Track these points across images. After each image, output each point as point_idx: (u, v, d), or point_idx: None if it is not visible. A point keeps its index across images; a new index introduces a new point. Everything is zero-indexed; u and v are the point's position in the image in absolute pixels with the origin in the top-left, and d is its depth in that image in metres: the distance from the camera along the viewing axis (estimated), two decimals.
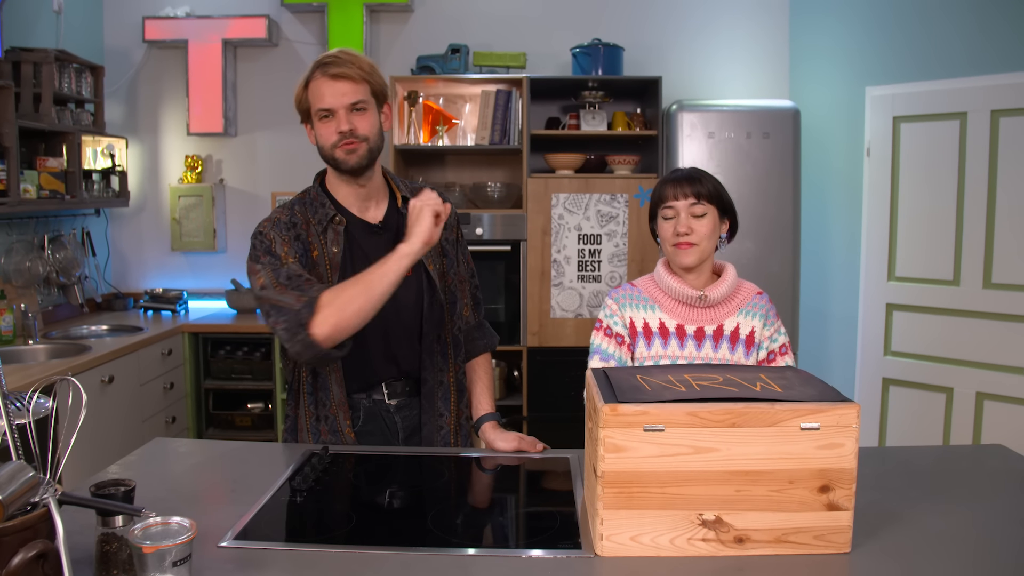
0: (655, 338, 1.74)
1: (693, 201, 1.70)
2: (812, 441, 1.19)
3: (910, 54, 3.46)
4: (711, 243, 1.72)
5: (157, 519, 1.06)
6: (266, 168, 4.32)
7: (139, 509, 1.06)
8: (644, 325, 1.75)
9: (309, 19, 4.21)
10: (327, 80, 1.67)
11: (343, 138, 1.69)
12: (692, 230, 1.69)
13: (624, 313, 1.78)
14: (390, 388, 1.80)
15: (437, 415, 1.83)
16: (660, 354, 1.73)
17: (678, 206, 1.71)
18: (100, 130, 3.92)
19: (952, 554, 1.24)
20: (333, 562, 1.21)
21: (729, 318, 1.74)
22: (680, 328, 1.73)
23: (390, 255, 1.59)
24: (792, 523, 1.20)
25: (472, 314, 1.95)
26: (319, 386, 1.77)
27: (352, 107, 1.68)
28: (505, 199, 3.94)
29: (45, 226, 3.80)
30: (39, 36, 3.68)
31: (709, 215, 1.70)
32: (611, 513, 1.20)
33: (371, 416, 1.80)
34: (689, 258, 1.70)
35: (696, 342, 1.72)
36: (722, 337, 1.72)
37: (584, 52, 3.87)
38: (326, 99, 1.67)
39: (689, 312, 1.74)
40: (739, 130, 3.68)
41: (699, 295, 1.72)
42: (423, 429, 1.83)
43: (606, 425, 1.19)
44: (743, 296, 1.76)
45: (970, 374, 3.27)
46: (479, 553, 1.25)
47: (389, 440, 1.81)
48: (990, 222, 3.18)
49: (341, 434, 1.76)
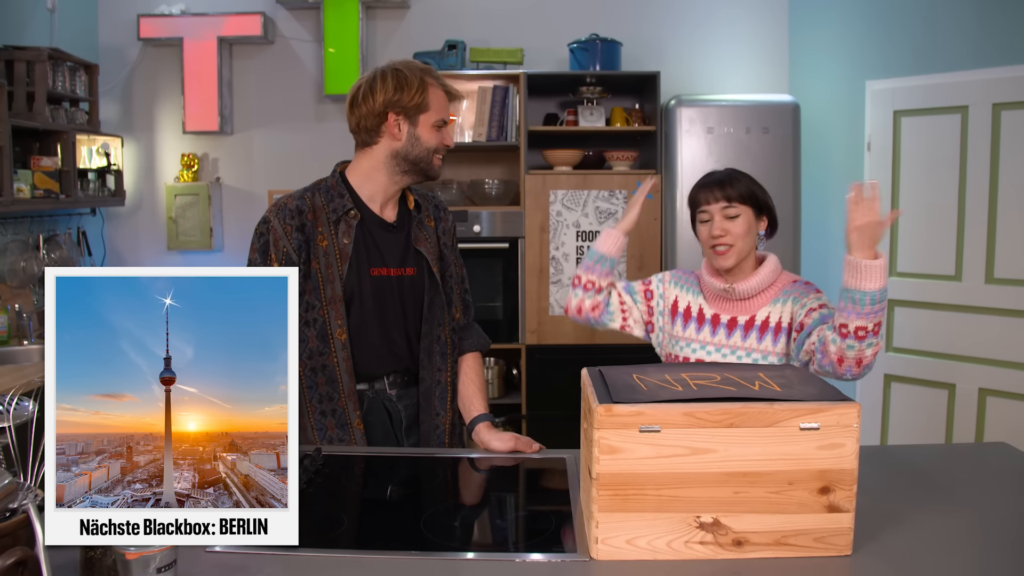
0: (692, 321, 1.85)
1: (725, 204, 1.76)
2: (812, 441, 1.16)
3: (910, 47, 3.43)
4: (747, 242, 1.77)
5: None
6: (262, 166, 4.30)
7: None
8: (686, 307, 1.87)
9: (305, 16, 4.18)
10: (446, 96, 1.82)
11: (445, 148, 1.83)
12: (727, 231, 1.75)
13: (672, 290, 1.90)
14: (390, 379, 1.85)
15: (434, 414, 1.86)
16: (693, 338, 1.84)
17: (711, 210, 1.77)
18: (95, 129, 3.90)
19: (955, 556, 1.21)
20: (323, 566, 1.18)
21: (762, 308, 1.79)
22: (715, 317, 1.83)
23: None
24: (791, 525, 1.18)
25: (463, 316, 1.98)
26: (325, 379, 1.77)
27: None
28: (503, 196, 3.91)
29: (40, 226, 3.78)
30: (32, 34, 3.65)
31: (743, 216, 1.76)
32: (606, 516, 1.18)
33: (374, 406, 1.83)
34: (727, 261, 1.77)
35: (727, 330, 1.81)
36: (752, 327, 1.79)
37: (582, 47, 3.84)
38: (447, 113, 1.82)
39: (724, 303, 1.83)
40: (738, 125, 3.65)
41: (725, 287, 1.79)
42: (420, 426, 1.86)
43: (601, 426, 1.16)
44: (779, 287, 1.80)
45: (973, 370, 3.24)
46: (472, 557, 1.23)
47: (392, 429, 1.85)
48: (992, 217, 3.16)
49: (349, 427, 1.77)
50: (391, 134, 1.77)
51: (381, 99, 1.75)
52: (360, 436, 1.77)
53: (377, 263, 1.81)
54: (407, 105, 1.75)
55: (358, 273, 1.78)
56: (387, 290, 1.82)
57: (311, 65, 4.19)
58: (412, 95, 1.75)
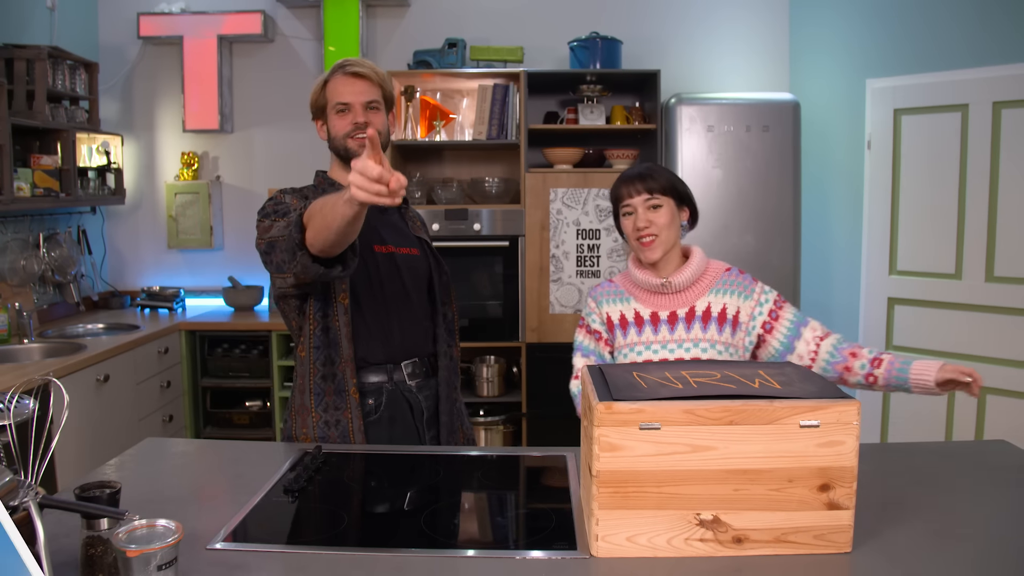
0: (631, 327, 1.84)
1: (647, 196, 1.78)
2: (812, 439, 1.16)
3: (911, 46, 3.42)
4: (671, 233, 1.80)
5: (142, 522, 1.04)
6: (263, 164, 4.30)
7: (122, 512, 1.04)
8: (620, 317, 1.86)
9: (305, 14, 4.18)
10: (347, 78, 1.82)
11: (357, 129, 1.81)
12: (651, 222, 1.78)
13: (602, 309, 1.89)
14: (408, 369, 1.87)
15: (452, 388, 1.95)
16: (636, 341, 1.82)
17: (634, 203, 1.80)
18: (95, 127, 3.90)
19: (955, 553, 1.21)
20: (324, 564, 1.18)
21: (700, 299, 1.81)
22: (654, 315, 1.82)
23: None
24: (792, 522, 1.18)
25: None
26: (327, 342, 1.79)
27: (367, 104, 1.82)
28: (503, 194, 3.91)
29: (40, 224, 3.78)
30: (32, 33, 3.65)
31: (665, 207, 1.79)
32: (606, 513, 1.18)
33: (393, 399, 1.85)
34: (654, 253, 1.78)
35: (669, 326, 1.81)
36: (694, 318, 1.79)
37: (582, 46, 3.84)
38: (345, 95, 1.81)
39: (659, 299, 1.83)
40: (739, 123, 3.65)
41: (662, 282, 1.81)
42: (441, 405, 1.91)
43: (601, 423, 1.16)
44: (711, 276, 1.83)
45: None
46: (472, 554, 1.23)
47: (413, 422, 1.87)
48: (992, 215, 3.15)
49: (347, 393, 1.78)
50: (322, 138, 1.90)
51: (311, 110, 1.89)
52: (355, 405, 1.77)
53: (377, 241, 1.85)
54: (317, 107, 1.87)
55: (360, 249, 1.74)
56: (390, 267, 1.85)
57: (311, 64, 4.18)
58: (316, 98, 1.86)
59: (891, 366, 1.69)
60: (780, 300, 1.81)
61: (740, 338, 1.79)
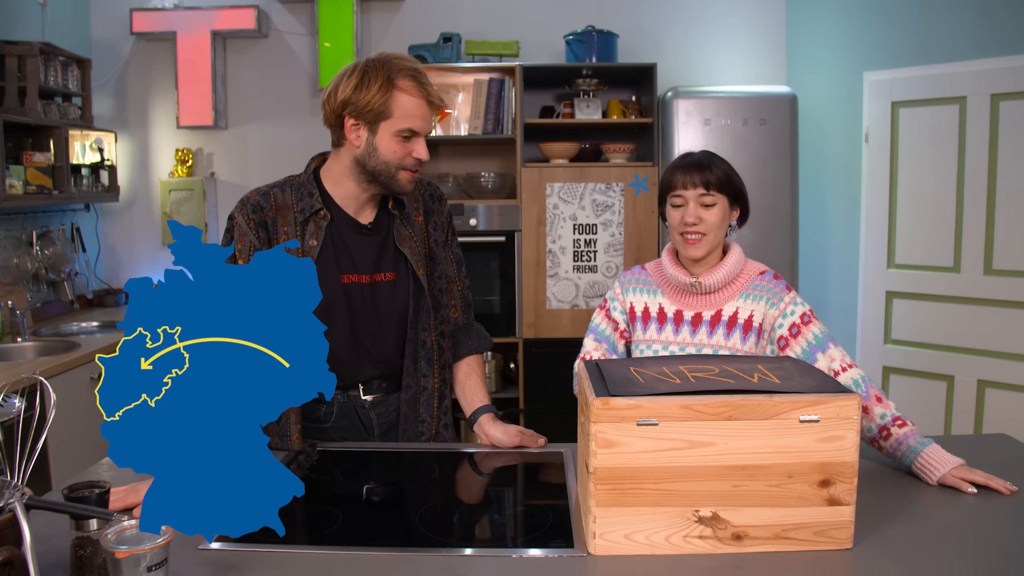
0: (652, 323, 1.74)
1: (703, 191, 1.65)
2: (812, 434, 1.15)
3: (908, 38, 3.41)
4: (720, 233, 1.67)
5: (132, 522, 1.02)
6: (257, 161, 4.27)
7: (110, 513, 1.02)
8: (644, 309, 1.76)
9: (299, 9, 4.15)
10: (423, 103, 1.58)
11: (416, 164, 1.62)
12: (701, 220, 1.64)
13: (626, 298, 1.79)
14: (366, 386, 1.75)
15: (418, 421, 1.76)
16: (654, 338, 1.73)
17: (687, 195, 1.66)
18: (88, 124, 3.86)
19: (956, 548, 1.20)
20: (318, 564, 1.17)
21: (728, 303, 1.68)
22: (678, 314, 1.71)
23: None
24: (792, 519, 1.17)
25: (461, 315, 1.86)
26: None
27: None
28: (499, 189, 3.89)
29: (33, 222, 3.75)
30: (24, 29, 3.61)
31: (719, 204, 1.65)
32: (604, 510, 1.16)
33: (344, 412, 1.75)
34: (698, 251, 1.66)
35: (692, 327, 1.70)
36: (719, 323, 1.68)
37: (578, 39, 3.82)
38: (418, 122, 1.59)
39: (687, 298, 1.72)
40: (735, 117, 3.63)
41: (692, 281, 1.68)
42: (402, 435, 1.76)
43: (598, 419, 1.15)
44: (744, 279, 1.69)
45: (971, 362, 3.23)
46: (469, 553, 1.21)
47: (363, 437, 1.77)
48: (990, 208, 3.14)
49: (289, 439, 1.64)
50: (350, 139, 1.61)
51: (340, 99, 1.58)
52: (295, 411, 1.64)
53: (348, 269, 1.67)
54: (362, 109, 1.56)
55: (325, 280, 1.57)
56: (358, 298, 1.69)
57: (306, 59, 4.16)
58: (370, 98, 1.55)
59: (913, 434, 1.51)
60: (808, 316, 1.63)
61: (763, 348, 1.67)
